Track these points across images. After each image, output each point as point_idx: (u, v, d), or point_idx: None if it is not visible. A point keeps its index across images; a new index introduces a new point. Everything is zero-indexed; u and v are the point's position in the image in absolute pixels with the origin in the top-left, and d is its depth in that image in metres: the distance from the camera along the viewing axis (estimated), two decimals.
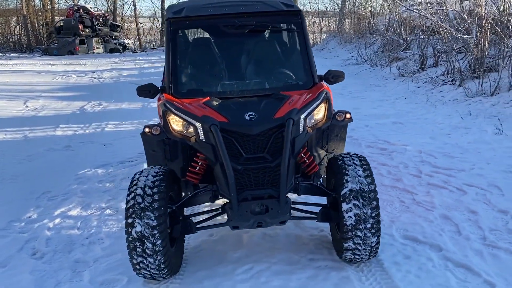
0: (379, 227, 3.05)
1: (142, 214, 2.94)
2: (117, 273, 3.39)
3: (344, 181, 3.07)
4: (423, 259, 3.30)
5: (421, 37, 13.34)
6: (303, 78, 3.57)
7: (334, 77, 3.59)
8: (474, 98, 8.76)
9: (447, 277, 3.07)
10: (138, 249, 2.94)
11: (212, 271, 3.30)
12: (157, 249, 2.95)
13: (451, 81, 10.08)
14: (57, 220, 4.39)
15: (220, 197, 3.24)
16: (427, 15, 12.19)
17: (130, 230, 2.94)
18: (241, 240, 3.72)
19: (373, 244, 3.09)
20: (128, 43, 29.24)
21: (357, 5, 22.82)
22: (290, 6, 3.89)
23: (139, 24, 30.23)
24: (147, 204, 2.96)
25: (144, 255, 2.95)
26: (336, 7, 27.15)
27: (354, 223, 3.00)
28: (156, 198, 2.99)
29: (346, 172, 3.10)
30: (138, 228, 2.92)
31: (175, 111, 3.14)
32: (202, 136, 3.01)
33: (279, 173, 2.99)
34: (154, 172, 3.15)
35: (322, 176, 3.75)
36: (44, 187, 5.32)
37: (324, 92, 3.29)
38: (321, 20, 27.70)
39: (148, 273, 3.05)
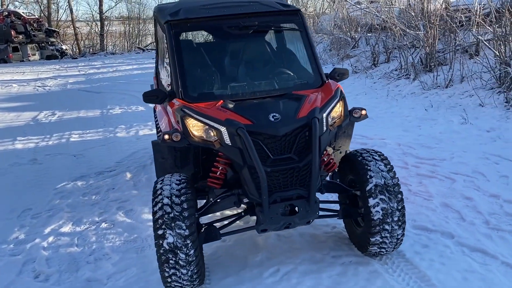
0: (405, 219, 3.14)
1: (173, 225, 2.83)
2: None
3: (368, 176, 3.12)
4: (440, 247, 3.43)
5: (369, 34, 13.87)
6: (311, 77, 3.59)
7: (339, 75, 3.65)
8: (430, 91, 9.22)
9: (469, 262, 3.21)
10: (171, 261, 2.83)
11: (239, 277, 3.25)
12: (190, 259, 2.86)
13: (406, 75, 10.54)
14: (51, 239, 4.13)
15: (244, 202, 3.19)
16: (377, 13, 12.69)
17: (161, 242, 2.82)
18: (257, 243, 3.68)
19: (399, 237, 3.17)
20: (66, 49, 28.00)
21: (300, 5, 23.25)
22: (287, 6, 3.91)
23: (77, 29, 29.02)
24: (177, 213, 2.86)
25: (177, 266, 2.85)
26: None
27: (381, 217, 3.06)
28: (185, 207, 2.89)
29: (369, 167, 3.16)
30: (170, 239, 2.81)
31: (196, 116, 3.05)
32: (228, 140, 2.95)
33: (307, 172, 2.99)
34: (177, 180, 3.05)
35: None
36: (23, 204, 4.99)
37: (340, 90, 3.33)
38: None
39: (180, 285, 2.94)
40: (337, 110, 3.24)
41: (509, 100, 7.42)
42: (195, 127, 3.08)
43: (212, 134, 3.05)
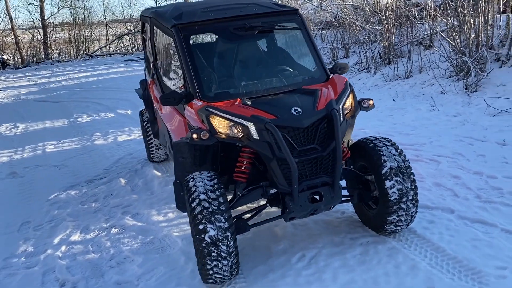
0: (417, 198, 3.43)
1: (213, 218, 2.96)
2: (173, 285, 3.34)
3: (382, 161, 3.38)
4: (445, 221, 3.75)
5: (324, 31, 14.35)
6: (317, 72, 3.81)
7: (340, 69, 3.90)
8: (392, 82, 9.76)
9: (474, 232, 3.55)
10: (213, 254, 2.96)
11: (268, 265, 3.41)
12: (231, 250, 3.00)
13: (366, 69, 11.05)
14: (63, 248, 4.11)
15: (270, 193, 3.36)
16: (332, 10, 13.17)
17: (202, 236, 2.94)
18: (276, 233, 3.86)
19: (413, 214, 3.45)
20: (7, 59, 26.71)
21: None
22: (283, 6, 4.13)
23: (18, 37, 27.75)
24: (215, 207, 2.99)
25: (219, 258, 2.98)
26: None
27: (398, 197, 3.33)
28: (222, 201, 3.04)
29: (381, 152, 3.42)
30: (212, 233, 2.94)
31: (222, 114, 3.19)
32: (256, 135, 3.10)
33: (330, 161, 3.21)
34: (207, 176, 3.18)
35: None
36: (18, 218, 4.90)
37: (348, 83, 3.58)
38: None
39: (221, 276, 3.08)
40: (349, 101, 3.48)
41: (468, 86, 8.01)
42: (220, 125, 3.22)
43: (236, 130, 3.19)
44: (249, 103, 3.33)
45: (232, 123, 3.19)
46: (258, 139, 3.10)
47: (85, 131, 8.52)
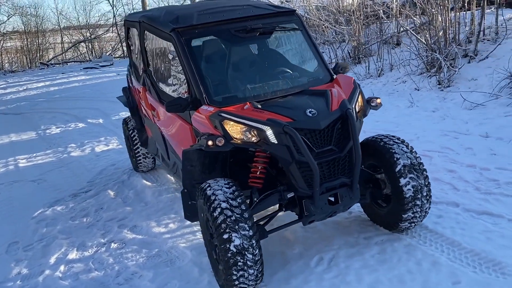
0: (431, 193, 3.45)
1: (237, 227, 2.87)
2: None
3: (395, 159, 3.39)
4: (452, 215, 3.81)
5: None
6: (321, 72, 3.78)
7: (342, 68, 3.89)
8: (365, 81, 9.91)
9: (483, 224, 3.62)
10: (239, 263, 2.86)
11: (288, 271, 3.35)
12: (257, 258, 2.92)
13: None
14: (62, 268, 3.89)
15: (287, 198, 3.29)
16: (299, 11, 13.24)
17: (228, 246, 2.84)
18: (288, 238, 3.80)
19: (427, 210, 3.48)
20: None
21: None
22: (280, 7, 4.08)
23: None
24: (238, 215, 2.90)
25: (245, 267, 2.89)
26: None
27: (413, 194, 3.35)
28: (244, 208, 2.95)
29: (393, 150, 3.43)
30: (237, 242, 2.85)
31: (236, 119, 3.10)
32: (274, 139, 3.03)
33: (347, 161, 3.18)
34: (225, 183, 3.09)
35: None
36: (3, 238, 4.62)
37: (356, 82, 3.57)
38: None
39: (246, 286, 2.98)
40: (360, 100, 3.47)
41: (441, 82, 8.24)
42: (235, 130, 3.13)
43: (251, 135, 3.11)
44: (259, 106, 3.26)
45: (246, 128, 3.10)
46: (276, 142, 3.03)
47: (58, 143, 8.16)
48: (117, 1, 41.97)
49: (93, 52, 28.33)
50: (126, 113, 9.96)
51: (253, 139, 3.12)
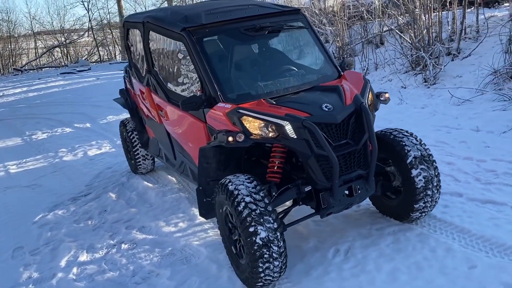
0: (440, 183, 3.58)
1: (262, 220, 2.92)
2: None
3: (406, 151, 3.50)
4: (458, 205, 3.95)
5: None
6: (329, 69, 3.87)
7: (348, 65, 3.99)
8: None
9: (488, 212, 3.77)
10: (265, 255, 2.91)
11: (306, 263, 3.41)
12: (281, 250, 2.97)
13: None
14: (75, 270, 3.86)
15: (304, 191, 3.36)
16: None
17: (254, 238, 2.89)
18: (299, 231, 3.86)
19: (437, 199, 3.60)
20: None
21: None
22: (285, 6, 4.16)
23: None
24: (262, 209, 2.95)
25: (270, 260, 2.94)
26: None
27: (424, 185, 3.46)
28: (267, 202, 3.01)
29: (404, 143, 3.54)
30: (263, 234, 2.90)
31: (255, 115, 3.15)
32: (293, 133, 3.09)
33: (363, 154, 3.27)
34: (246, 178, 3.13)
35: None
36: (6, 244, 4.54)
37: (366, 77, 3.67)
38: None
39: (271, 278, 3.03)
40: (371, 95, 3.57)
41: (427, 80, 8.47)
42: (253, 126, 3.18)
43: (268, 130, 3.17)
44: (274, 103, 3.32)
45: (264, 123, 3.15)
46: (295, 137, 3.09)
47: (47, 148, 8.03)
48: (92, 5, 41.37)
49: (68, 57, 27.89)
50: (113, 117, 9.91)
51: (271, 134, 3.17)
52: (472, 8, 9.79)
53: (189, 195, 4.98)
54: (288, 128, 3.09)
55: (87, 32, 28.62)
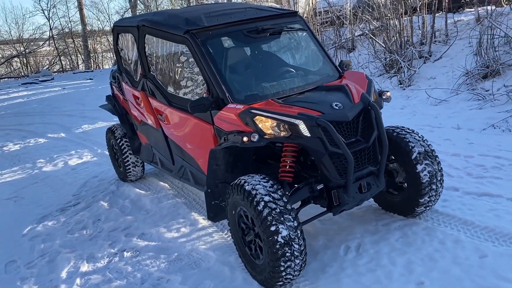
0: (443, 178, 3.69)
1: (282, 218, 2.93)
2: None
3: (410, 147, 3.60)
4: (456, 198, 4.08)
5: None
6: (330, 70, 3.94)
7: (346, 66, 4.07)
8: None
9: (487, 204, 3.92)
10: (287, 254, 2.91)
11: (320, 261, 3.44)
12: (302, 248, 2.99)
13: None
14: (78, 281, 3.74)
15: (317, 190, 3.39)
16: None
17: (275, 237, 2.89)
18: (307, 230, 3.86)
19: (440, 193, 3.71)
20: None
21: None
22: (282, 9, 4.22)
23: None
24: (282, 207, 2.96)
25: (292, 258, 2.94)
26: None
27: (429, 179, 3.56)
28: (286, 200, 3.02)
29: (407, 139, 3.64)
30: (284, 233, 2.90)
31: (268, 114, 3.16)
32: (307, 132, 3.12)
33: (373, 151, 3.34)
34: (261, 178, 3.14)
35: None
36: None
37: (368, 77, 3.76)
38: None
39: (291, 276, 3.04)
40: (374, 94, 3.65)
41: (402, 82, 8.73)
42: (266, 126, 3.19)
43: (280, 130, 3.19)
44: (282, 103, 3.35)
45: (276, 123, 3.17)
46: (309, 135, 3.12)
47: (24, 159, 7.74)
48: (53, 14, 40.25)
49: (29, 67, 27.02)
50: (88, 127, 9.69)
51: (283, 133, 3.19)
52: (440, 13, 10.18)
53: (186, 200, 4.92)
54: (302, 126, 3.12)
55: (48, 41, 27.81)
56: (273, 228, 2.90)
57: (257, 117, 3.18)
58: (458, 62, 8.56)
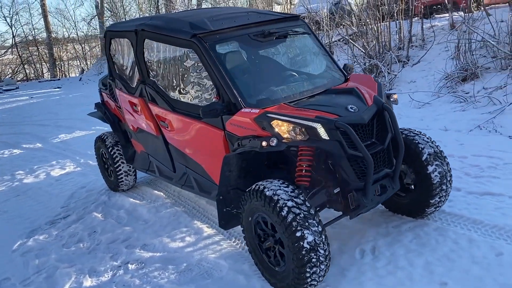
0: (452, 178, 3.74)
1: (307, 224, 2.88)
2: None
3: (420, 148, 3.62)
4: (461, 198, 4.14)
5: None
6: (335, 73, 3.94)
7: (350, 69, 4.09)
8: None
9: (490, 203, 3.99)
10: (313, 260, 2.86)
11: (337, 266, 3.40)
12: (326, 253, 2.94)
13: None
14: None
15: (334, 193, 3.36)
16: None
17: (301, 243, 2.84)
18: None
19: (449, 193, 3.75)
20: None
21: None
22: (283, 13, 4.21)
23: None
24: (305, 212, 2.92)
25: (317, 264, 2.89)
26: (95, 30, 26.47)
27: (439, 180, 3.60)
28: (309, 205, 2.97)
29: (416, 141, 3.66)
30: (310, 238, 2.85)
31: (286, 118, 3.11)
32: (325, 135, 3.09)
33: (388, 153, 3.35)
34: (281, 183, 3.08)
35: None
36: None
37: (376, 79, 3.77)
38: (83, 46, 26.46)
39: (316, 282, 2.98)
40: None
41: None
42: (281, 129, 3.14)
43: (296, 133, 3.14)
44: (295, 106, 3.31)
45: (293, 126, 3.13)
46: (328, 138, 3.09)
47: (0, 171, 7.38)
48: (15, 21, 38.95)
49: None
50: (66, 136, 9.40)
51: (299, 137, 3.15)
52: (416, 18, 10.43)
53: (185, 208, 4.80)
54: (321, 130, 3.08)
55: (10, 49, 26.85)
56: (298, 234, 2.85)
57: (275, 121, 3.13)
58: (436, 66, 8.79)
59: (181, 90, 3.87)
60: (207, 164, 3.84)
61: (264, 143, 3.05)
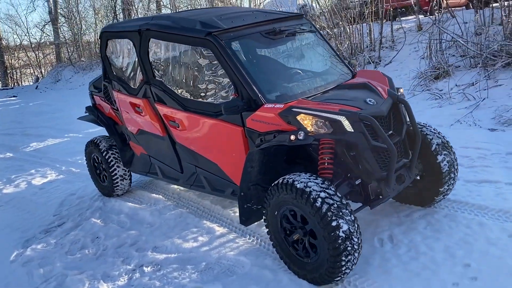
0: (458, 167, 3.92)
1: (341, 213, 2.95)
2: None
3: (429, 139, 3.78)
4: (461, 187, 4.34)
5: None
6: (344, 69, 4.05)
7: (353, 66, 4.21)
8: None
9: (490, 189, 4.21)
10: (348, 248, 2.93)
11: (361, 256, 3.44)
12: (359, 242, 3.02)
13: None
14: None
15: (356, 185, 3.44)
16: None
17: (337, 232, 2.90)
18: None
19: (456, 181, 3.93)
20: None
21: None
22: (289, 12, 4.30)
23: None
24: (339, 202, 2.98)
25: (352, 252, 2.96)
26: (49, 37, 25.65)
27: (448, 169, 3.77)
28: (340, 195, 3.04)
29: (424, 132, 3.82)
30: (345, 227, 2.92)
31: (312, 112, 3.17)
32: (350, 127, 3.17)
33: (405, 143, 3.48)
34: (310, 175, 3.14)
35: None
36: None
37: (385, 74, 3.91)
38: (37, 54, 25.52)
39: (349, 270, 3.05)
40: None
41: None
42: (305, 123, 3.20)
43: (319, 126, 3.21)
44: (315, 101, 3.39)
45: (316, 120, 3.20)
46: (352, 131, 3.18)
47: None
48: None
49: None
50: (38, 144, 9.07)
51: (322, 130, 3.22)
52: (385, 20, 10.81)
53: (190, 209, 4.75)
54: (346, 122, 3.16)
55: None
56: (334, 224, 2.91)
57: (300, 115, 3.19)
58: (407, 65, 9.15)
59: (194, 88, 3.85)
60: (222, 162, 3.84)
61: (292, 137, 3.10)
